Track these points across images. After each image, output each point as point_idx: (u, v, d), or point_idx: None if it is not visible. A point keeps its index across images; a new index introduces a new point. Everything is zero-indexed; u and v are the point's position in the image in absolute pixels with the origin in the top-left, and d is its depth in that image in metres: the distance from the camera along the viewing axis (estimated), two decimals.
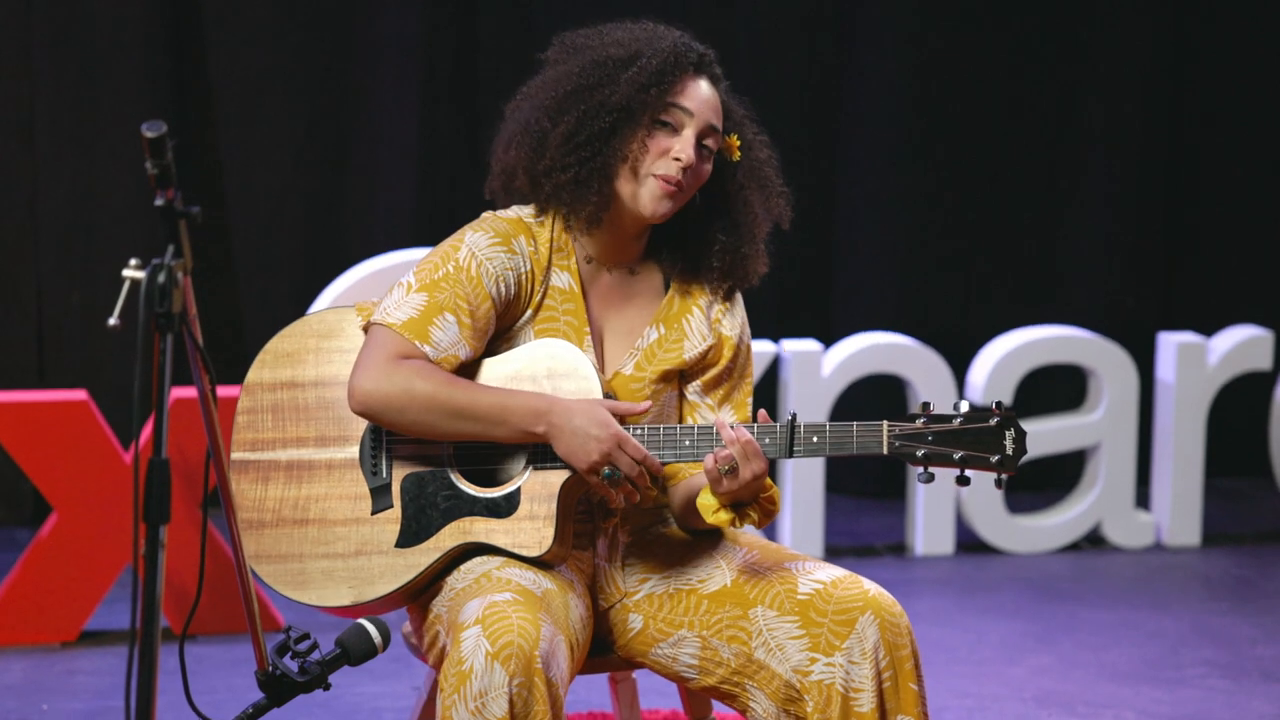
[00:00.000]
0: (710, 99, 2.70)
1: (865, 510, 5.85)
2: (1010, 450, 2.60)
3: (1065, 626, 4.68)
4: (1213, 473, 5.59)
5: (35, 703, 4.00)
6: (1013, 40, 5.97)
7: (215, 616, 4.34)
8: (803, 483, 5.16)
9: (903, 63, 5.90)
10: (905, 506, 5.42)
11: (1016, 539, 5.37)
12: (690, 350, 2.78)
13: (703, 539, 2.78)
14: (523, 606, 2.47)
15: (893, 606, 2.61)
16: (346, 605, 2.67)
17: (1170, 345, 5.48)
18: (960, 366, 5.43)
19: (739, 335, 2.81)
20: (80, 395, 4.34)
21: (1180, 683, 4.24)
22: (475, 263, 2.66)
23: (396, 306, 2.64)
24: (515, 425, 2.59)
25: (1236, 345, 5.48)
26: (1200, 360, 5.45)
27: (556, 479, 2.62)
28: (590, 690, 3.91)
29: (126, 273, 2.07)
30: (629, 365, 2.75)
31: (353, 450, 2.69)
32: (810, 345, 5.22)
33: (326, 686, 2.54)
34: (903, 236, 6.00)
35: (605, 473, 2.58)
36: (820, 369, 5.20)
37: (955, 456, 2.59)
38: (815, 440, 2.59)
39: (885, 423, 2.59)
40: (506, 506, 2.64)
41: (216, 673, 4.11)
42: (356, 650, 2.56)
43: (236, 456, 2.71)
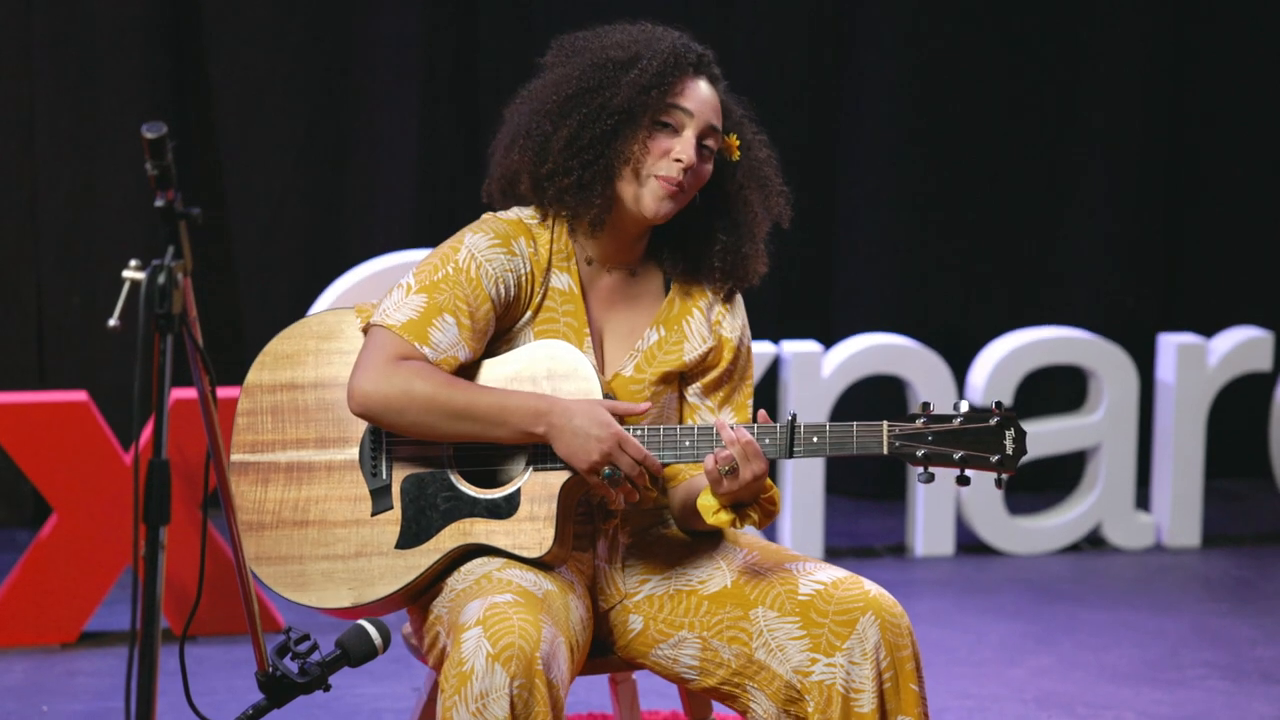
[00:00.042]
0: (710, 99, 2.70)
1: (865, 511, 5.85)
2: (1010, 450, 2.60)
3: (1065, 627, 4.68)
4: (1213, 474, 5.59)
5: (35, 704, 3.99)
6: (1013, 40, 5.97)
7: (215, 617, 4.34)
8: (803, 484, 5.15)
9: (903, 63, 5.90)
10: (905, 507, 5.42)
11: (1017, 540, 5.37)
12: (690, 352, 2.77)
13: (703, 540, 2.78)
14: (523, 608, 2.46)
15: (893, 607, 2.60)
16: (346, 607, 2.66)
17: (1170, 346, 5.47)
18: (960, 367, 5.43)
19: (739, 337, 2.81)
20: (80, 396, 4.34)
21: (1180, 684, 4.23)
22: (475, 264, 2.66)
23: (396, 308, 2.63)
24: (515, 426, 2.59)
25: (1236, 346, 5.48)
26: (1200, 361, 5.45)
27: (557, 480, 2.62)
28: (590, 691, 3.91)
29: (126, 274, 2.07)
30: (629, 367, 2.75)
31: (352, 452, 2.69)
32: (810, 346, 5.22)
33: (326, 688, 2.54)
34: (903, 237, 6.00)
35: (605, 473, 2.58)
36: (820, 370, 5.20)
37: (955, 456, 2.58)
38: (815, 440, 2.59)
39: (885, 423, 2.59)
40: (507, 507, 2.63)
41: (216, 674, 4.11)
42: (356, 651, 2.56)
43: (236, 458, 2.71)
